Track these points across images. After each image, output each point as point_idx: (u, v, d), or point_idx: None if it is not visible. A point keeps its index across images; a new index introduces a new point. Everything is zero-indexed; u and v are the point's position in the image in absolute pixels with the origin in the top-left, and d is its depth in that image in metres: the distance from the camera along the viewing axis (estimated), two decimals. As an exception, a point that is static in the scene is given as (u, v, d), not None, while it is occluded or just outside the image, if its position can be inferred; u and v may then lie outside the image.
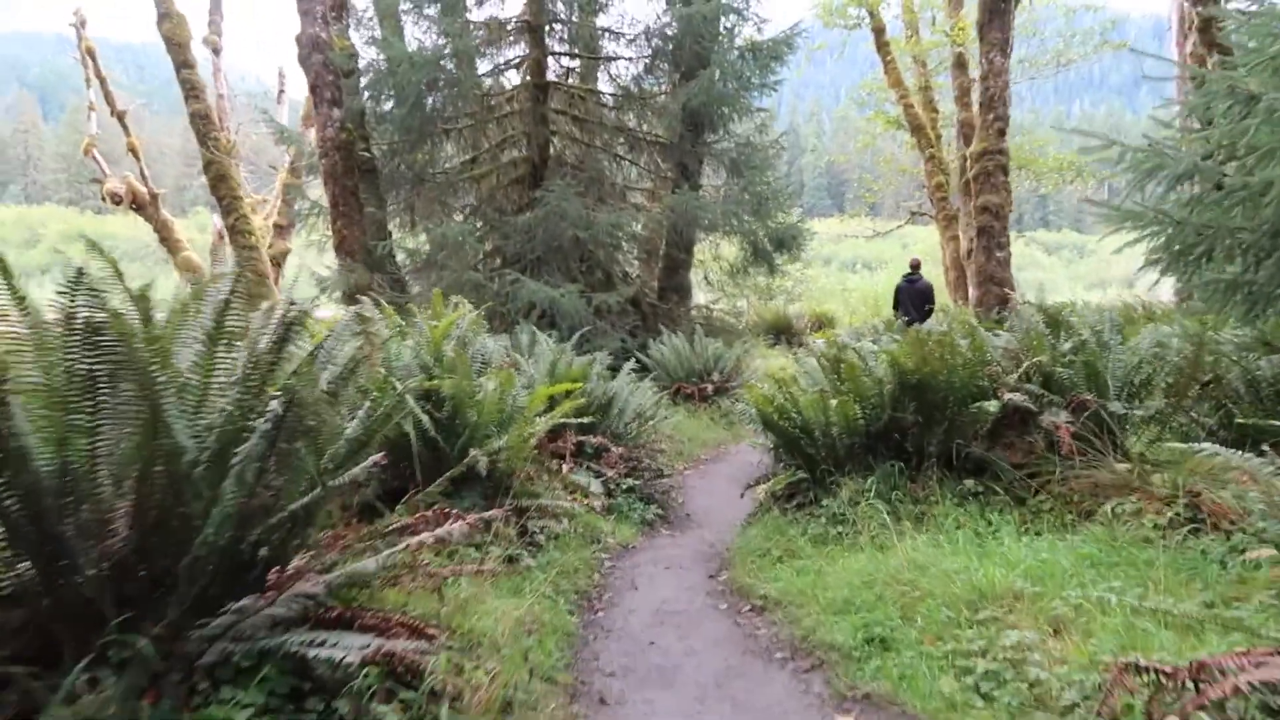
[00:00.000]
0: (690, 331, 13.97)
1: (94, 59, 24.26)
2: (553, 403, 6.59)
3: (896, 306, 14.19)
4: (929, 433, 5.69)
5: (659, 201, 14.84)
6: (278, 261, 23.73)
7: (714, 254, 15.75)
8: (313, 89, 13.63)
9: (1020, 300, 13.37)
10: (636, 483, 7.28)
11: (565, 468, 6.74)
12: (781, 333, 20.47)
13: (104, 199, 25.48)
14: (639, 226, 14.29)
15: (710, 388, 11.35)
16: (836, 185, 78.33)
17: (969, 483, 5.62)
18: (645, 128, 15.99)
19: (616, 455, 7.10)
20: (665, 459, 9.41)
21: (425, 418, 5.08)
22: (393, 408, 3.86)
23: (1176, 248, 5.43)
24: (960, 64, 22.77)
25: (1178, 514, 4.95)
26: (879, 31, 23.89)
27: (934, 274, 33.03)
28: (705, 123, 15.17)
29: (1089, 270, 64.65)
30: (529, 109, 14.85)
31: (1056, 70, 23.06)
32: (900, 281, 14.84)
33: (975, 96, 24.02)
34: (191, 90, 16.82)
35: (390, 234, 14.46)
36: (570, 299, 12.56)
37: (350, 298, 13.74)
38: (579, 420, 6.76)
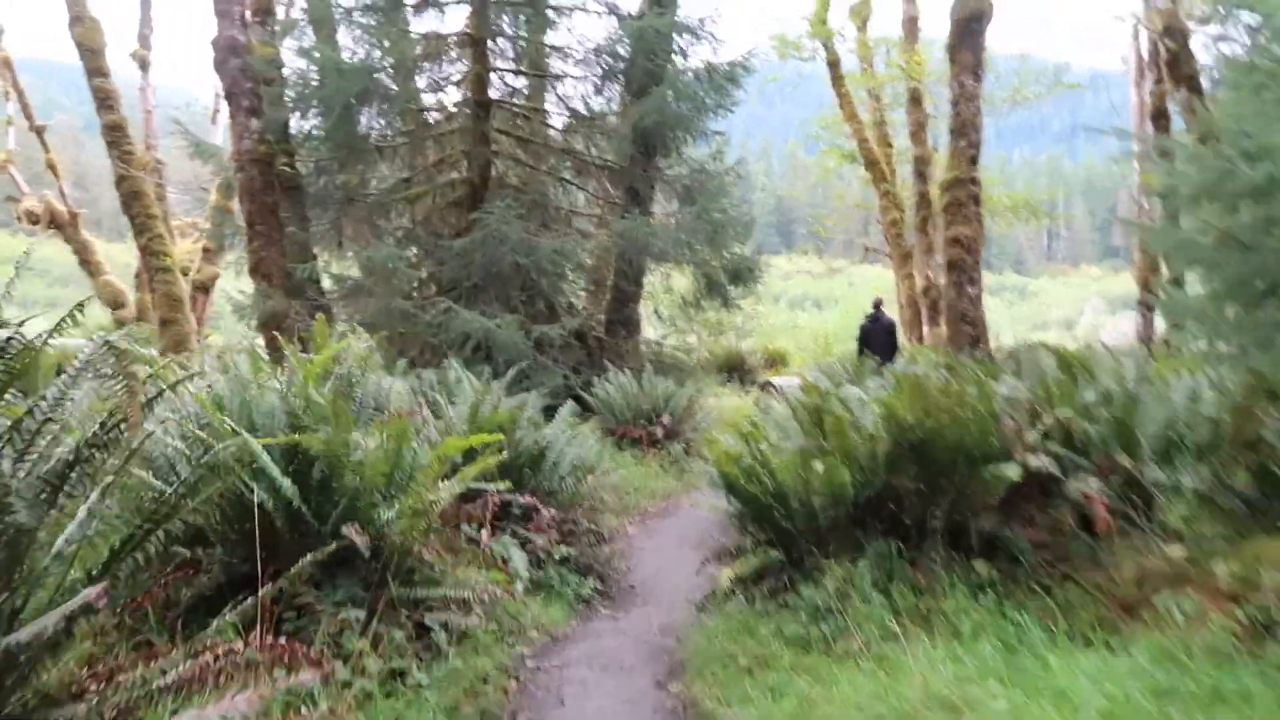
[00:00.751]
0: (639, 369, 12.77)
1: (11, 70, 22.61)
2: (471, 456, 5.32)
3: (862, 348, 13.64)
4: (933, 503, 4.49)
5: (607, 228, 13.67)
6: (205, 288, 22.15)
7: (665, 286, 14.58)
8: (229, 96, 12.29)
9: (993, 340, 12.45)
10: (571, 551, 5.99)
11: (484, 536, 5.44)
12: (734, 370, 19.36)
13: (19, 218, 23.72)
14: (585, 254, 13.06)
15: (660, 431, 10.12)
16: (785, 223, 78.12)
17: (981, 567, 4.43)
18: (594, 151, 14.87)
19: (549, 518, 5.81)
20: (608, 516, 8.15)
21: (286, 482, 3.77)
22: (208, 477, 2.56)
23: (1237, 279, 4.33)
24: (915, 99, 22.06)
25: (1254, 617, 3.83)
26: (833, 65, 23.13)
27: (889, 312, 32.33)
28: (657, 146, 14.07)
29: (1030, 312, 64.90)
30: (469, 127, 13.63)
31: (1010, 109, 22.42)
32: (864, 321, 14.29)
33: (940, 127, 23.36)
34: (105, 100, 15.34)
35: (314, 257, 13.08)
36: (508, 330, 11.28)
37: (266, 326, 12.33)
38: (501, 480, 5.50)
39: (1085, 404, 4.87)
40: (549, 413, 12.42)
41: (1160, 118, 17.03)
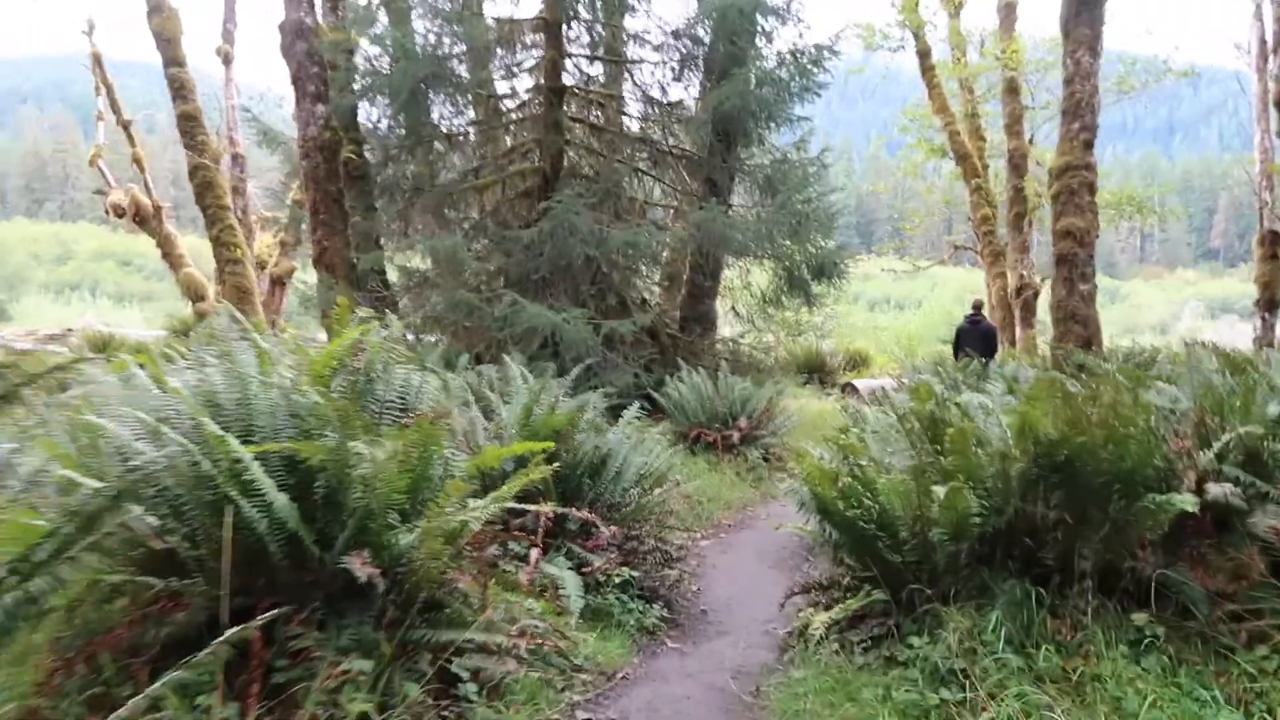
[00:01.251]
0: (714, 368, 11.93)
1: (100, 65, 22.70)
2: (523, 464, 4.58)
3: (957, 350, 12.80)
4: (1080, 538, 3.56)
5: (683, 220, 12.85)
6: (281, 281, 21.96)
7: (744, 281, 13.69)
8: (295, 81, 11.79)
9: (1107, 342, 11.26)
10: (634, 574, 5.17)
11: (534, 557, 4.67)
12: (814, 371, 18.35)
13: (107, 212, 23.89)
14: (660, 247, 12.25)
15: (736, 435, 9.25)
16: (866, 223, 76.29)
17: (1141, 620, 3.49)
18: (671, 141, 14.06)
19: (609, 536, 5.02)
20: (678, 532, 7.34)
21: (281, 499, 3.03)
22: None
23: None
24: (1012, 89, 20.74)
25: None
26: (924, 55, 21.92)
27: (990, 313, 30.90)
28: (737, 134, 13.20)
29: (1122, 315, 62.22)
30: (542, 115, 12.94)
31: (1116, 100, 20.91)
32: (962, 323, 13.43)
33: (1038, 119, 21.99)
34: (179, 89, 15.08)
35: (380, 248, 12.52)
36: (576, 325, 10.54)
37: (328, 315, 11.81)
38: (557, 490, 4.74)
39: (1271, 417, 3.87)
40: (618, 413, 11.71)
41: (1285, 105, 15.52)
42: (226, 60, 22.97)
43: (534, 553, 4.75)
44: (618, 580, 5.07)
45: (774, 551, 7.37)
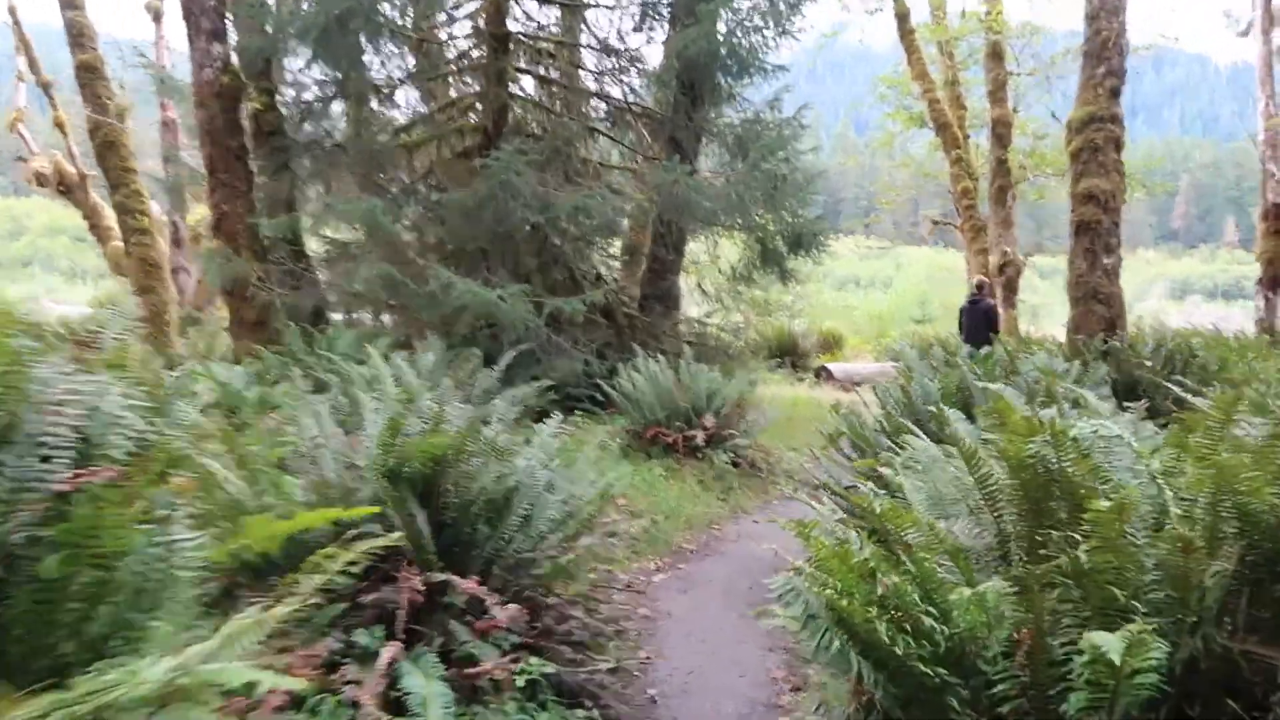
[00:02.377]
0: (677, 352, 10.22)
1: (16, 20, 20.44)
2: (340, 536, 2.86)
3: (961, 330, 12.01)
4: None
5: (643, 184, 11.07)
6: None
7: (712, 254, 11.95)
8: (186, 15, 9.83)
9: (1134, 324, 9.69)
10: (548, 668, 3.44)
11: (383, 660, 2.93)
12: (786, 354, 16.68)
13: (28, 180, 21.70)
14: (616, 214, 10.45)
15: (700, 436, 7.52)
16: (833, 203, 74.72)
17: None
18: (631, 98, 12.26)
19: (508, 617, 3.28)
20: (623, 562, 5.68)
21: None
22: None
23: None
24: (995, 54, 19.07)
25: None
26: (902, 17, 20.19)
27: (957, 295, 29.36)
28: (705, 89, 11.43)
29: (1085, 296, 60.92)
30: (484, 65, 11.11)
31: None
32: (963, 303, 12.52)
33: (1024, 86, 20.36)
34: (78, 36, 13.00)
35: (292, 212, 10.60)
36: (515, 304, 8.77)
37: (231, 294, 9.94)
38: (436, 545, 3.03)
39: None
40: (571, 408, 9.94)
41: (1298, 67, 13.94)
42: (157, 17, 20.83)
43: (386, 652, 3.01)
44: (521, 682, 3.33)
45: (747, 589, 5.68)
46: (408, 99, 12.33)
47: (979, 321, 11.61)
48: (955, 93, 20.18)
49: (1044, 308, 31.16)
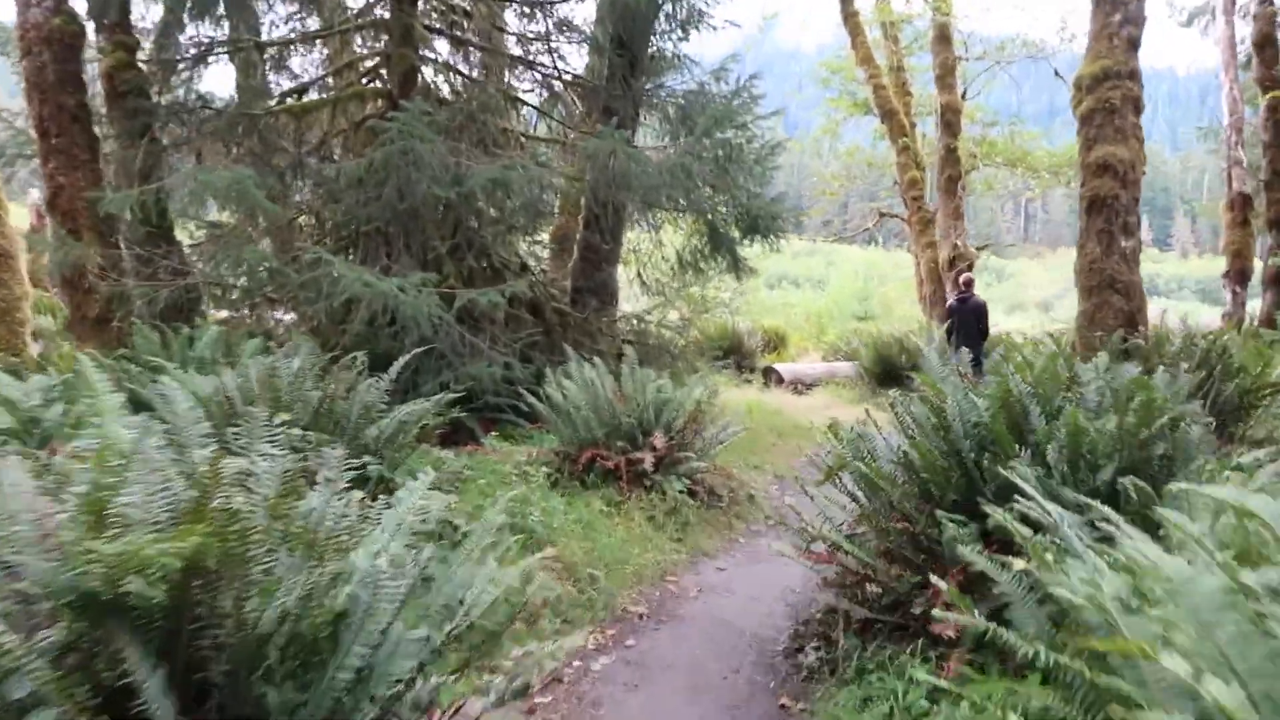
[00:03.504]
0: (615, 353, 8.57)
1: None
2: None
3: (950, 332, 10.93)
4: None
5: (574, 156, 9.35)
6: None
7: (654, 240, 10.32)
8: (6, -59, 7.83)
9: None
10: None
11: None
12: (730, 353, 15.14)
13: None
14: (541, 190, 8.71)
15: (649, 459, 5.87)
16: (762, 202, 73.82)
17: None
18: (561, 65, 10.60)
19: None
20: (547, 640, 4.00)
21: None
22: None
23: None
24: (943, 37, 17.82)
25: None
26: (846, -1, 18.85)
27: (908, 288, 28.14)
28: (642, 53, 9.88)
29: (1008, 293, 61.47)
30: (388, 21, 9.34)
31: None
32: (951, 302, 11.75)
33: (973, 71, 19.09)
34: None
35: (152, 187, 8.62)
36: (417, 296, 7.02)
37: (69, 282, 7.97)
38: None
39: None
40: (495, 420, 8.21)
41: (1268, 46, 12.88)
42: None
43: None
44: None
45: (721, 679, 4.06)
46: (303, 62, 10.46)
47: (969, 320, 10.79)
48: (901, 78, 18.91)
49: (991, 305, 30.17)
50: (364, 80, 9.94)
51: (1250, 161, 13.94)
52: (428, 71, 9.77)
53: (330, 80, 9.98)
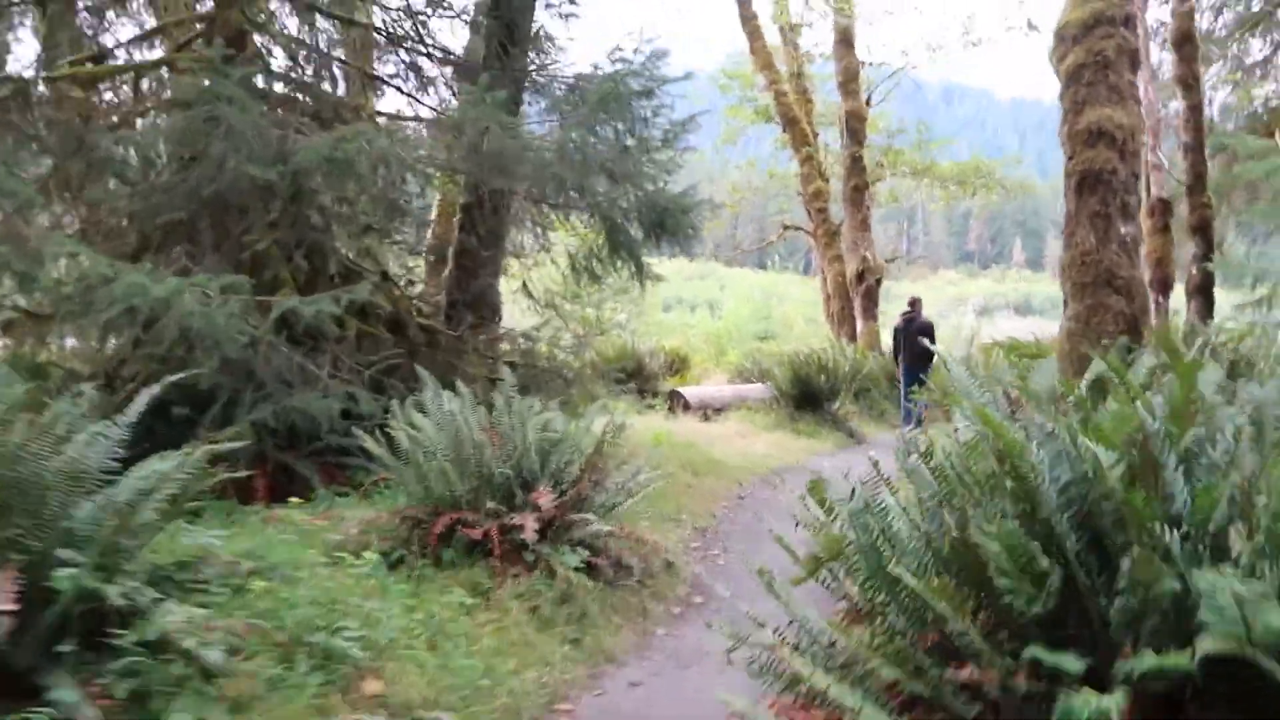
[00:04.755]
0: (493, 379, 6.82)
1: None
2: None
3: (897, 353, 11.26)
4: None
5: (441, 135, 7.54)
6: None
7: (542, 243, 8.61)
8: None
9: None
10: None
11: None
12: (631, 376, 13.50)
13: None
14: (400, 176, 6.87)
15: (531, 524, 4.13)
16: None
17: None
18: (430, 42, 8.83)
19: None
20: None
21: None
22: None
23: None
24: (845, 41, 16.73)
25: None
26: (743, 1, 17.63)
27: (806, 307, 27.10)
28: (524, 24, 8.26)
29: (895, 313, 61.67)
30: (210, -25, 7.45)
31: (965, 46, 17.43)
32: (898, 322, 11.81)
33: (878, 76, 18.09)
34: None
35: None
36: (222, 307, 5.13)
37: None
38: None
39: None
40: (327, 470, 6.32)
41: (1186, 43, 12.07)
42: None
43: None
44: None
45: None
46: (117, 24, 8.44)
47: (915, 342, 10.37)
48: (801, 85, 17.77)
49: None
50: (180, 48, 7.96)
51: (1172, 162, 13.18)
52: (259, 39, 7.88)
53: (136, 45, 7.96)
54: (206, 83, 5.74)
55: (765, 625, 2.64)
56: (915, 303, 11.70)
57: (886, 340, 19.42)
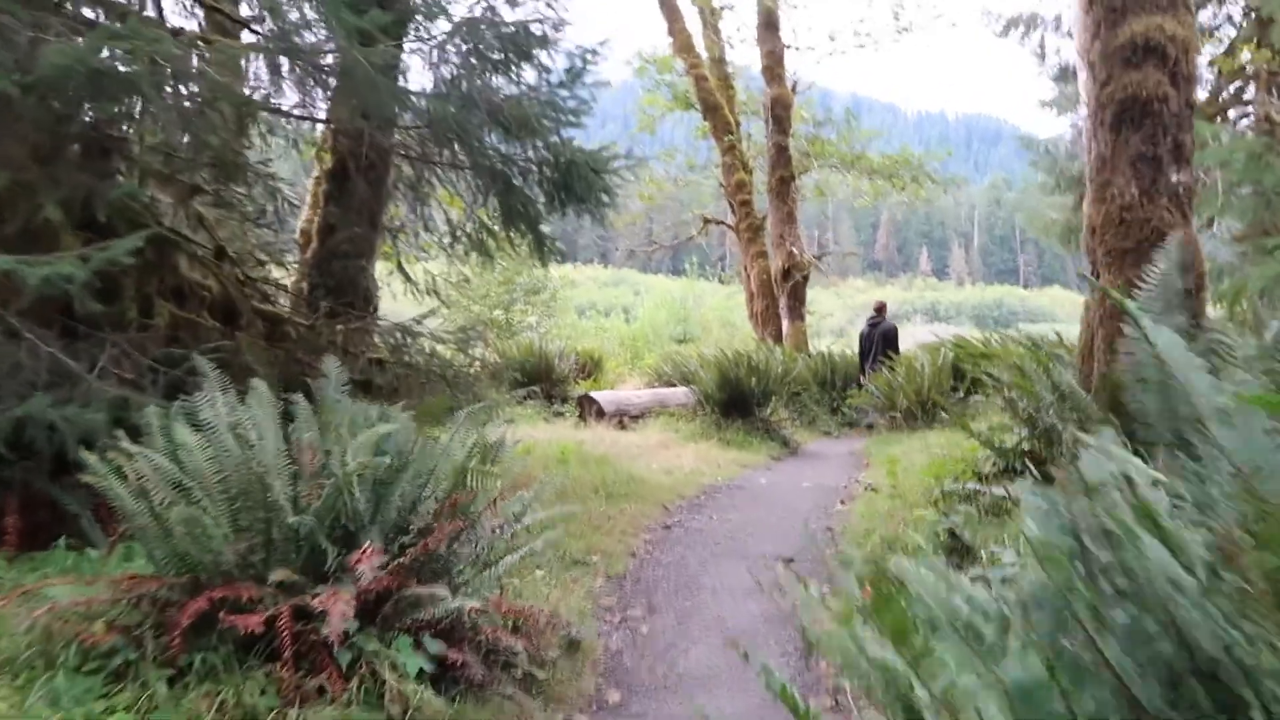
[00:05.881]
0: (363, 379, 5.15)
1: None
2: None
3: (863, 357, 11.36)
4: None
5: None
6: None
7: (419, 214, 6.92)
8: None
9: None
10: None
11: None
12: (538, 380, 11.83)
13: None
14: (206, 102, 5.11)
15: (341, 607, 2.51)
16: (569, 233, 71.54)
17: None
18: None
19: None
20: None
21: None
22: None
23: None
24: (770, 24, 15.48)
25: None
26: (662, -20, 16.20)
27: (723, 308, 25.84)
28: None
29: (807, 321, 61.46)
30: None
31: (898, 35, 16.31)
32: (864, 328, 11.75)
33: (802, 62, 16.84)
34: None
35: None
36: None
37: None
38: None
39: None
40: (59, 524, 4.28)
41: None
42: None
43: None
44: None
45: None
46: None
47: (879, 345, 10.81)
48: (723, 70, 16.42)
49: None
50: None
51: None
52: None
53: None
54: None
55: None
56: (881, 307, 11.76)
57: (816, 343, 18.31)
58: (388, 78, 5.24)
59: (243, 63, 5.86)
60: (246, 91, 5.98)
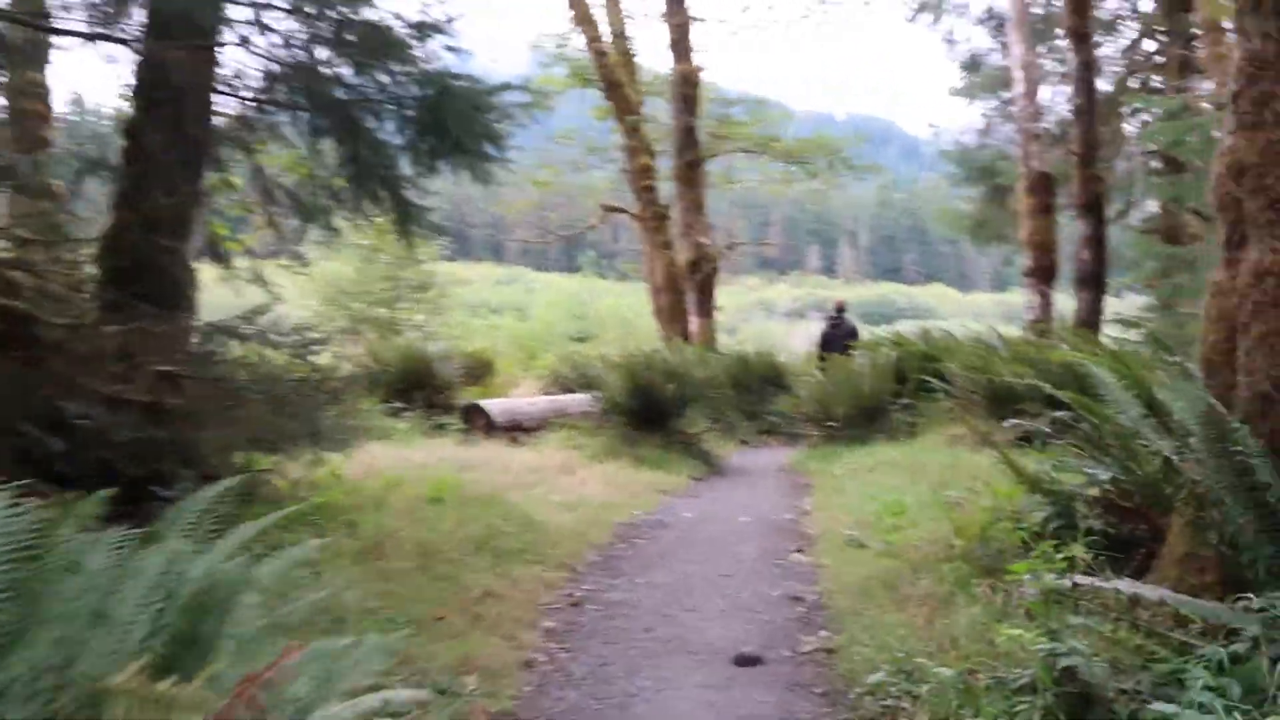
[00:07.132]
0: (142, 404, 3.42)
1: None
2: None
3: (824, 352, 10.58)
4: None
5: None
6: None
7: (246, 179, 5.14)
8: None
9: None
10: None
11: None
12: (417, 387, 10.04)
13: None
14: None
15: None
16: (461, 230, 68.87)
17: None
18: None
19: None
20: None
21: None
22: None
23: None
24: (676, -4, 14.11)
25: None
26: (556, -55, 14.55)
27: (631, 306, 24.37)
28: None
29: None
30: None
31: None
32: (825, 327, 11.35)
33: (713, 35, 15.38)
34: None
35: None
36: None
37: None
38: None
39: None
40: None
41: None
42: None
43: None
44: None
45: None
46: None
47: (840, 344, 10.41)
48: (624, 46, 14.91)
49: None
50: None
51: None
52: None
53: None
54: None
55: None
56: (842, 306, 11.59)
57: (724, 339, 17.11)
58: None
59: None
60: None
